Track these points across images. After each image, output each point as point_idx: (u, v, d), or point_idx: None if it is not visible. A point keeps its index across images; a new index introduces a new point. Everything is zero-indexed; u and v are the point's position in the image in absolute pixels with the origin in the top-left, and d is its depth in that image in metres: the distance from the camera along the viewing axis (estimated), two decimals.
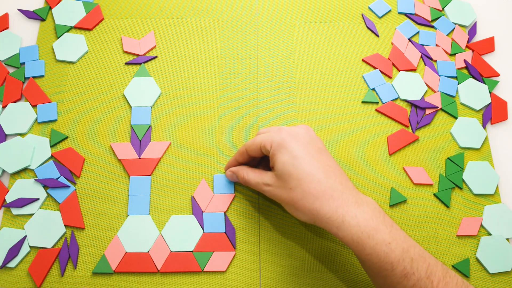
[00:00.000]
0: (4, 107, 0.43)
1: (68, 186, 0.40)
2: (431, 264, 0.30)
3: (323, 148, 0.35)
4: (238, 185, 0.41)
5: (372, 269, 0.31)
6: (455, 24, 0.51)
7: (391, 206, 0.41)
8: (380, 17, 0.51)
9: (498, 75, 0.48)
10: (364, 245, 0.30)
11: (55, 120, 0.43)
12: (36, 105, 0.44)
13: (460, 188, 0.42)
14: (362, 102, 0.46)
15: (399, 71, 0.48)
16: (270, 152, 0.34)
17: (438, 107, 0.46)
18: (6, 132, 0.42)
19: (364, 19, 0.50)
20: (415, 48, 0.49)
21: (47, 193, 0.40)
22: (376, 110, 0.45)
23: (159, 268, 0.38)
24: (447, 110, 0.46)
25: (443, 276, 0.30)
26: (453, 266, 0.39)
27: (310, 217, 0.32)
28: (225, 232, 0.39)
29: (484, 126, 0.45)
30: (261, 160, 0.40)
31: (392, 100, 0.46)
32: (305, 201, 0.32)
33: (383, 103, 0.46)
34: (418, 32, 0.50)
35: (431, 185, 0.42)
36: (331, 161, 0.34)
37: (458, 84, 0.47)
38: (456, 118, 0.45)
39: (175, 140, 0.43)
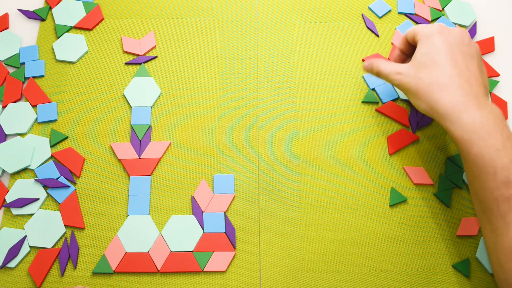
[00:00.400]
0: (4, 107, 0.43)
1: (68, 186, 0.40)
2: None
3: (471, 54, 0.35)
4: (238, 185, 0.41)
5: (472, 171, 0.31)
6: (455, 24, 0.51)
7: (391, 206, 0.41)
8: (380, 17, 0.51)
9: (498, 75, 0.48)
10: (473, 144, 0.30)
11: (55, 120, 0.43)
12: (36, 105, 0.44)
13: (460, 188, 0.42)
14: (362, 102, 0.46)
15: None
16: (416, 42, 0.36)
17: None
18: (6, 132, 0.42)
19: (364, 19, 0.50)
20: None
21: (47, 193, 0.40)
22: (376, 110, 0.45)
23: (159, 268, 0.38)
24: None
25: None
26: (453, 266, 0.39)
27: (428, 107, 0.33)
28: (225, 232, 0.39)
29: None
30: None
31: (392, 100, 0.46)
32: (429, 90, 0.33)
33: (383, 103, 0.46)
34: None
35: (431, 185, 0.42)
36: (472, 66, 0.34)
37: None
38: None
39: (175, 140, 0.43)
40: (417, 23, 0.50)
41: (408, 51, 0.41)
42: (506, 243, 0.30)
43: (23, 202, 0.39)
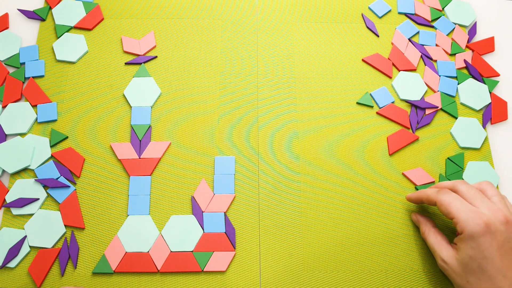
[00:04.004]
0: (4, 107, 0.43)
1: (68, 186, 0.40)
2: None
3: None
4: (238, 185, 0.41)
5: None
6: (455, 24, 0.51)
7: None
8: (380, 17, 0.51)
9: (498, 75, 0.48)
10: None
11: (55, 120, 0.43)
12: (36, 105, 0.44)
13: None
14: (357, 103, 0.45)
15: (399, 71, 0.48)
16: (459, 233, 0.33)
17: (438, 107, 0.46)
18: (6, 132, 0.42)
19: (364, 19, 0.50)
20: (415, 48, 0.49)
21: (47, 193, 0.40)
22: (377, 113, 0.45)
23: (159, 268, 0.38)
24: (447, 110, 0.46)
25: None
26: None
27: None
28: (225, 232, 0.39)
29: (484, 126, 0.45)
30: None
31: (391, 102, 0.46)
32: None
33: (380, 108, 0.45)
34: (418, 32, 0.50)
35: (433, 182, 0.42)
36: None
37: (458, 84, 0.47)
38: (456, 118, 0.45)
39: (175, 140, 0.43)
40: (417, 23, 0.50)
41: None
42: None
43: (23, 202, 0.39)
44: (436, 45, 0.49)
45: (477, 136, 0.44)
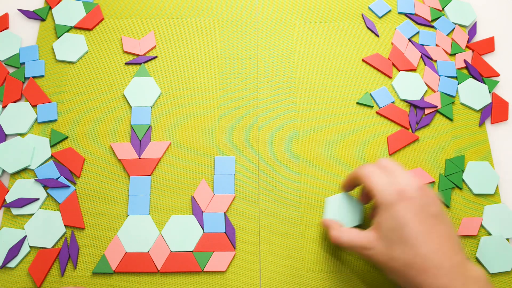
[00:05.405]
0: (4, 107, 0.43)
1: (68, 186, 0.40)
2: None
3: (437, 213, 0.32)
4: (238, 185, 0.41)
5: None
6: (455, 24, 0.51)
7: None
8: (380, 17, 0.51)
9: (498, 75, 0.48)
10: None
11: (55, 120, 0.43)
12: (36, 105, 0.44)
13: (460, 188, 0.42)
14: (357, 103, 0.45)
15: (399, 71, 0.48)
16: (377, 206, 0.33)
17: (437, 106, 0.46)
18: (6, 132, 0.42)
19: (364, 19, 0.50)
20: (415, 48, 0.49)
21: (47, 193, 0.40)
22: (377, 112, 0.45)
23: (159, 268, 0.38)
24: (443, 112, 0.45)
25: None
26: None
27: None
28: (225, 232, 0.39)
29: (480, 124, 0.45)
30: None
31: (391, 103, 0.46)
32: (407, 273, 0.30)
33: (380, 108, 0.45)
34: (418, 32, 0.50)
35: (433, 182, 0.42)
36: (443, 230, 0.31)
37: (458, 84, 0.47)
38: (451, 120, 0.45)
39: (175, 140, 0.43)
40: (417, 23, 0.50)
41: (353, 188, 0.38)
42: None
43: (23, 202, 0.39)
44: (436, 45, 0.49)
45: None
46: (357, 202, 0.38)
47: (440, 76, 0.48)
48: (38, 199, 0.40)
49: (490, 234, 0.41)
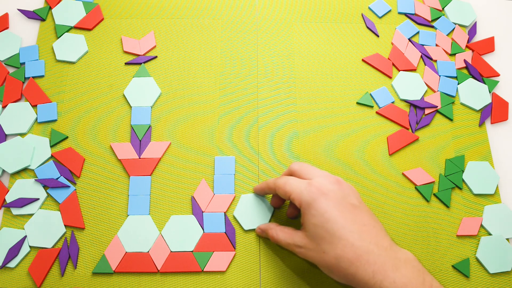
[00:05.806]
0: (4, 107, 0.43)
1: (68, 186, 0.40)
2: None
3: (357, 203, 0.33)
4: (238, 185, 0.41)
5: None
6: (455, 24, 0.51)
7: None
8: (380, 17, 0.51)
9: (498, 75, 0.48)
10: None
11: (55, 120, 0.43)
12: (36, 105, 0.44)
13: (460, 188, 0.42)
14: (357, 103, 0.45)
15: (399, 71, 0.48)
16: (300, 208, 0.33)
17: (437, 106, 0.46)
18: (6, 132, 0.42)
19: (364, 19, 0.50)
20: (415, 48, 0.49)
21: (47, 193, 0.40)
22: (377, 112, 0.45)
23: (159, 268, 0.38)
24: (443, 112, 0.45)
25: None
26: (453, 266, 0.39)
27: (345, 281, 0.32)
28: (225, 232, 0.39)
29: (480, 124, 0.45)
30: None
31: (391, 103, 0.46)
32: (340, 265, 0.31)
33: (380, 108, 0.45)
34: (418, 32, 0.50)
35: (433, 182, 0.42)
36: (366, 218, 0.32)
37: (458, 84, 0.47)
38: (451, 120, 0.45)
39: (175, 140, 0.43)
40: (417, 23, 0.50)
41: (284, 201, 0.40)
42: None
43: (23, 202, 0.39)
44: (436, 45, 0.49)
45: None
46: (270, 206, 0.40)
47: (440, 76, 0.48)
48: (38, 199, 0.40)
49: (490, 234, 0.41)
